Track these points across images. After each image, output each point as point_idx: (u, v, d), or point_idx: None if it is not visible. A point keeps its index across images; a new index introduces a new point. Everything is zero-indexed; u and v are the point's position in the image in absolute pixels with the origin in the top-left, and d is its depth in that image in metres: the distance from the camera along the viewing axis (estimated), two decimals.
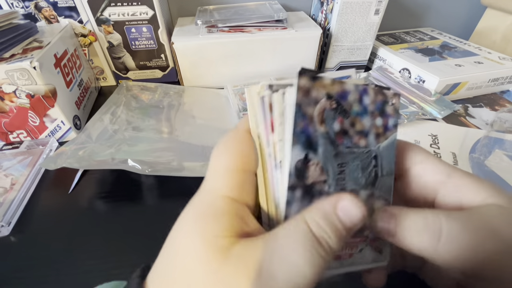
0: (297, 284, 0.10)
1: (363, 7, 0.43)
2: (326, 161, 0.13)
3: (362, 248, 0.14)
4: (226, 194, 0.12)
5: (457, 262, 0.12)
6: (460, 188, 0.14)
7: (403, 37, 0.55)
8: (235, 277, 0.11)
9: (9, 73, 0.28)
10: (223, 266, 0.11)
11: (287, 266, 0.11)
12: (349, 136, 0.14)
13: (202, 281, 0.11)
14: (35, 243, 0.24)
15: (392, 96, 0.15)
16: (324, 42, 0.47)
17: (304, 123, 0.12)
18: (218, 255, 0.11)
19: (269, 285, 0.10)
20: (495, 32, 0.55)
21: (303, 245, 0.11)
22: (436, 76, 0.40)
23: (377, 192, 0.15)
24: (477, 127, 0.37)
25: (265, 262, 0.11)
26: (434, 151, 0.33)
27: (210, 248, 0.11)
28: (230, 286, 0.10)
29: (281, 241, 0.11)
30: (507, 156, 0.31)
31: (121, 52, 0.44)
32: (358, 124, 0.14)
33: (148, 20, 0.41)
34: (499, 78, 0.43)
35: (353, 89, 0.14)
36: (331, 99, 0.13)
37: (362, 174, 0.14)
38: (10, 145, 0.33)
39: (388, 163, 0.15)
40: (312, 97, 0.12)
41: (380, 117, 0.15)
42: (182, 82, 0.45)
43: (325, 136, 0.13)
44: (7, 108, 0.31)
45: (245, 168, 0.13)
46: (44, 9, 0.38)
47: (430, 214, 0.13)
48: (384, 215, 0.14)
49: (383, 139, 0.15)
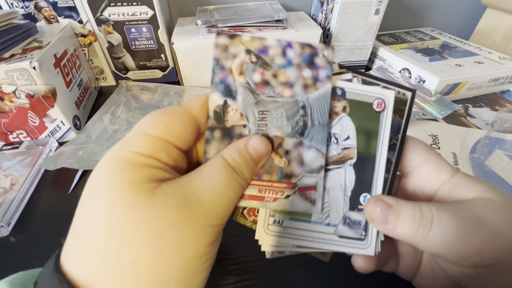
0: (222, 206, 0.13)
1: (363, 7, 0.43)
2: (245, 108, 0.15)
3: (289, 195, 0.15)
4: (139, 151, 0.12)
5: (446, 250, 0.13)
6: (458, 186, 0.15)
7: (403, 37, 0.55)
8: (165, 210, 0.11)
9: (8, 73, 0.28)
10: (150, 205, 0.11)
11: (212, 191, 0.12)
12: (271, 86, 0.15)
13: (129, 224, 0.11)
14: (35, 243, 0.24)
15: (323, 49, 0.15)
16: (324, 42, 0.47)
17: (222, 74, 0.14)
18: (145, 196, 0.11)
19: (198, 209, 0.12)
20: (495, 32, 0.55)
21: (223, 173, 0.13)
22: (436, 76, 0.40)
23: (307, 141, 0.15)
24: (478, 127, 0.37)
25: (192, 191, 0.12)
26: None
27: (135, 192, 0.11)
28: (161, 219, 0.11)
29: (204, 173, 0.13)
30: (507, 156, 0.31)
31: (121, 52, 0.44)
32: (281, 75, 0.15)
33: (148, 20, 0.41)
34: (499, 78, 0.43)
35: (274, 44, 0.15)
36: (250, 53, 0.15)
37: (287, 122, 0.15)
38: (10, 145, 0.33)
39: (320, 113, 0.15)
40: (230, 52, 0.14)
41: (309, 68, 0.15)
42: (182, 82, 0.45)
43: (244, 86, 0.15)
44: (7, 108, 0.31)
45: (165, 138, 0.13)
46: (44, 9, 0.38)
47: (422, 205, 0.14)
48: (381, 204, 0.14)
49: (313, 89, 0.15)
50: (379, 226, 0.15)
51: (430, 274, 0.17)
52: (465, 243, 0.13)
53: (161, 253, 0.11)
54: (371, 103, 0.16)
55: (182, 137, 0.13)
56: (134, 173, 0.12)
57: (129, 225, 0.11)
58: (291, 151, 0.15)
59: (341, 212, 0.16)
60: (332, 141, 0.16)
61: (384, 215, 0.14)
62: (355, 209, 0.16)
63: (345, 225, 0.16)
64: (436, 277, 0.16)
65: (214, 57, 0.14)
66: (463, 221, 0.13)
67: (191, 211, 0.12)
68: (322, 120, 0.15)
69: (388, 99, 0.16)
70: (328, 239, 0.16)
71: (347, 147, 0.16)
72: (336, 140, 0.16)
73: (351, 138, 0.16)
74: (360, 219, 0.16)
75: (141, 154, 0.12)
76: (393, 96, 0.16)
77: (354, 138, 0.16)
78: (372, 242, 0.16)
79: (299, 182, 0.15)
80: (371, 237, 0.16)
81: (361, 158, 0.16)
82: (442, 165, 0.16)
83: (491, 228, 0.13)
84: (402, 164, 0.16)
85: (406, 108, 0.16)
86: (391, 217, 0.14)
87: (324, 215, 0.16)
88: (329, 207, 0.16)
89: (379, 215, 0.14)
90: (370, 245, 0.16)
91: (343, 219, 0.16)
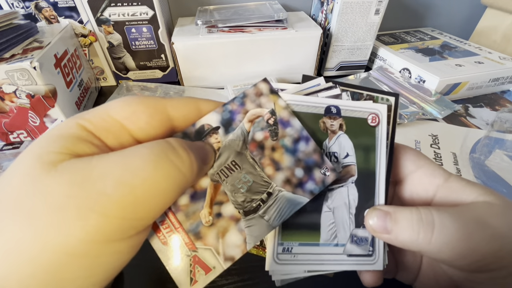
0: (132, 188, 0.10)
1: (363, 7, 0.43)
2: (226, 148, 0.14)
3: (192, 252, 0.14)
4: (84, 124, 0.11)
5: (450, 252, 0.13)
6: (454, 190, 0.15)
7: (403, 37, 0.55)
8: (52, 184, 0.09)
9: (9, 73, 0.28)
10: (46, 175, 0.09)
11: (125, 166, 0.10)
12: (262, 154, 0.14)
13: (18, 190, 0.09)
14: None
15: (326, 167, 0.15)
16: (324, 42, 0.47)
17: (237, 108, 0.14)
18: (45, 166, 0.10)
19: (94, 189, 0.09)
20: (496, 31, 0.55)
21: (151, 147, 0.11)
22: (437, 76, 0.40)
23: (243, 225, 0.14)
24: (478, 127, 0.37)
25: (99, 166, 0.10)
26: (434, 151, 0.33)
27: (38, 161, 0.10)
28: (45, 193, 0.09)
29: (128, 149, 0.11)
30: (507, 156, 0.31)
31: (121, 52, 0.44)
32: (277, 153, 0.14)
33: (148, 20, 0.41)
34: (499, 78, 0.43)
35: (296, 128, 0.15)
36: (273, 115, 0.14)
37: (244, 193, 0.14)
38: (10, 145, 0.33)
39: (276, 214, 0.14)
40: (260, 99, 0.15)
41: (303, 171, 0.15)
42: (182, 82, 0.45)
43: (244, 132, 0.14)
44: (7, 108, 0.31)
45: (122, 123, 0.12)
46: (44, 9, 0.38)
47: (422, 209, 0.14)
48: (378, 213, 0.14)
49: (290, 189, 0.14)
50: (382, 236, 0.15)
51: (432, 277, 0.17)
52: (470, 245, 0.13)
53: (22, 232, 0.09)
54: (365, 119, 0.16)
55: (143, 129, 0.12)
56: (57, 143, 0.10)
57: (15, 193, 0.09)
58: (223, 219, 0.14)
59: (348, 230, 0.16)
60: (332, 160, 0.16)
61: (383, 223, 0.14)
62: (361, 226, 0.16)
63: (353, 243, 0.16)
64: (438, 281, 0.16)
65: (244, 92, 0.15)
66: (466, 223, 0.13)
67: (84, 190, 0.09)
68: (272, 221, 0.14)
69: (381, 113, 0.16)
70: (337, 259, 0.15)
71: (348, 164, 0.16)
72: (336, 159, 0.16)
73: (350, 155, 0.16)
74: (366, 235, 0.16)
75: (85, 128, 0.11)
76: (385, 109, 0.16)
77: (353, 155, 0.16)
78: (380, 257, 0.16)
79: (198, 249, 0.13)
80: (379, 251, 0.16)
81: (361, 174, 0.16)
82: (435, 169, 0.16)
83: (494, 230, 0.13)
84: (395, 172, 0.17)
85: (391, 113, 0.16)
86: (390, 224, 0.14)
87: (332, 236, 0.15)
88: (336, 227, 0.16)
89: (377, 224, 0.14)
90: (378, 259, 0.16)
91: (350, 237, 0.16)
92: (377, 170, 0.16)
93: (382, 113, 0.16)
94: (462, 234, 0.13)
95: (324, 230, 0.15)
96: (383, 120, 0.16)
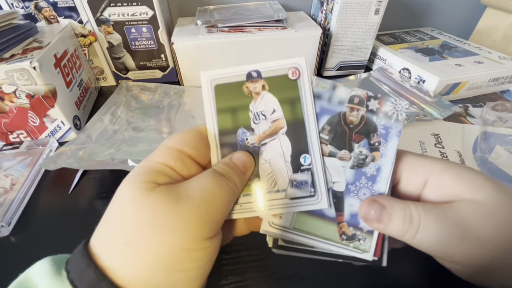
0: (212, 201, 0.14)
1: (363, 7, 0.43)
2: None
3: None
4: (158, 160, 0.15)
5: (432, 249, 0.14)
6: (440, 184, 0.16)
7: (403, 37, 0.55)
8: (157, 203, 0.13)
9: (9, 73, 0.28)
10: (147, 198, 0.13)
11: (201, 189, 0.14)
12: None
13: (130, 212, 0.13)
14: (35, 244, 0.24)
15: None
16: (324, 42, 0.47)
17: None
18: (144, 192, 0.14)
19: (188, 204, 0.14)
20: (495, 31, 0.55)
21: (212, 176, 0.15)
22: (436, 76, 0.40)
23: None
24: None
25: (184, 190, 0.14)
26: (439, 151, 0.33)
27: (136, 189, 0.14)
28: (153, 209, 0.13)
29: (197, 178, 0.15)
30: (507, 151, 0.32)
31: (121, 52, 0.44)
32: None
33: (148, 20, 0.41)
34: (499, 78, 0.43)
35: None
36: None
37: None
38: (10, 145, 0.33)
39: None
40: None
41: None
42: (182, 82, 0.45)
43: None
44: (7, 108, 0.31)
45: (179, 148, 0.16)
46: (44, 10, 0.38)
47: (412, 207, 0.15)
48: (376, 205, 0.16)
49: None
50: (371, 225, 0.16)
51: None
52: (450, 247, 0.14)
53: (148, 238, 0.13)
54: (286, 74, 0.17)
55: (194, 147, 0.16)
56: (145, 176, 0.14)
57: (130, 213, 0.13)
58: None
59: (286, 177, 0.17)
60: (261, 118, 0.17)
61: (378, 216, 0.15)
62: (299, 171, 0.17)
63: (294, 188, 0.17)
64: None
65: None
66: (448, 226, 0.14)
67: (181, 204, 0.14)
68: None
69: (301, 66, 0.17)
70: (282, 204, 0.17)
71: (276, 119, 0.17)
72: (264, 116, 0.17)
73: (277, 111, 0.17)
74: (305, 179, 0.17)
75: (158, 162, 0.15)
76: (303, 61, 0.17)
77: (279, 109, 0.17)
78: (323, 196, 0.17)
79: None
80: (321, 191, 0.17)
81: (291, 125, 0.17)
82: (417, 166, 0.17)
83: (476, 234, 0.14)
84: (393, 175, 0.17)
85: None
86: (384, 218, 0.15)
87: (272, 184, 0.17)
88: (274, 175, 0.17)
89: (373, 216, 0.15)
90: (322, 199, 0.17)
91: (290, 182, 0.17)
92: (305, 118, 0.17)
93: (301, 65, 0.17)
94: (444, 237, 0.14)
95: (264, 180, 0.17)
96: (303, 72, 0.17)
